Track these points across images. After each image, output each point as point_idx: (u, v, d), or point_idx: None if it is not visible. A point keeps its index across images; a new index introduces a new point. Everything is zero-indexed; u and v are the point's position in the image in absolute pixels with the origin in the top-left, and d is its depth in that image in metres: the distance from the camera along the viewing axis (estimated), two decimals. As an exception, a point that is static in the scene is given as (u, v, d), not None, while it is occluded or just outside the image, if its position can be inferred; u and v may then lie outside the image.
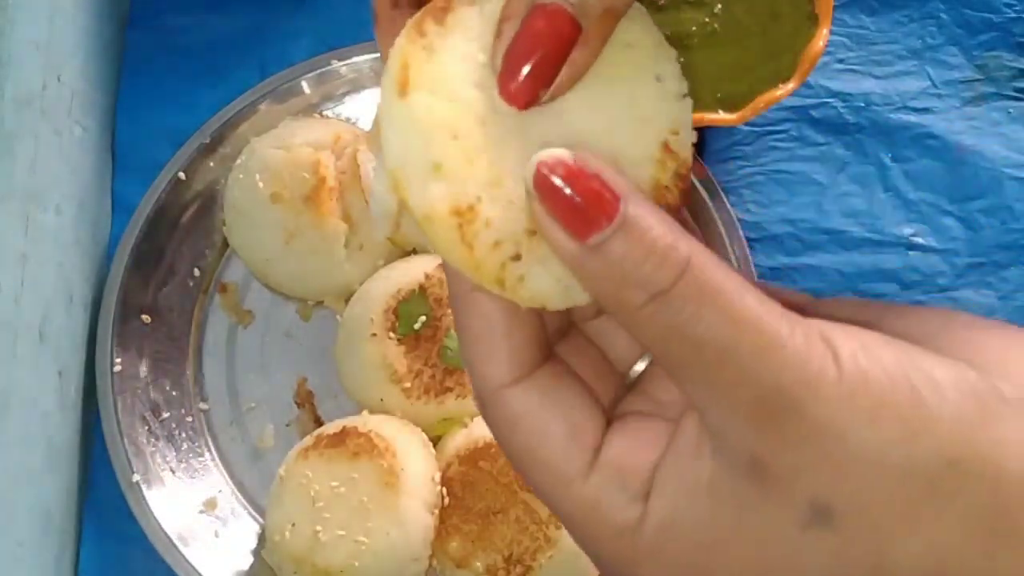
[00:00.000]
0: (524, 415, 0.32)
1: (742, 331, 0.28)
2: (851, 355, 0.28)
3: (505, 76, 0.31)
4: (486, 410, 0.34)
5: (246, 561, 0.69)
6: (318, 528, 0.63)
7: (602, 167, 0.29)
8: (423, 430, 0.67)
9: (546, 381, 0.33)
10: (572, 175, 0.29)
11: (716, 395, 0.29)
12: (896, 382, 0.28)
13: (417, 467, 0.64)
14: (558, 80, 0.31)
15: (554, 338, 0.36)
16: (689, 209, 0.70)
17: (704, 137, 0.74)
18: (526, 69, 0.30)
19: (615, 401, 0.36)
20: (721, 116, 0.67)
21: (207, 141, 0.74)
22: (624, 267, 0.28)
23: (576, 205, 0.29)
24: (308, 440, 0.66)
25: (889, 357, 0.28)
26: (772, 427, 0.28)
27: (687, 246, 0.28)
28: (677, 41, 0.67)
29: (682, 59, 0.73)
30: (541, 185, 0.29)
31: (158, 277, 0.73)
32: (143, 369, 0.72)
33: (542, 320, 0.34)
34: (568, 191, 0.29)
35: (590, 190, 0.29)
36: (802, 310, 0.31)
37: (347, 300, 0.71)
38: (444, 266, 0.34)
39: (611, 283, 0.29)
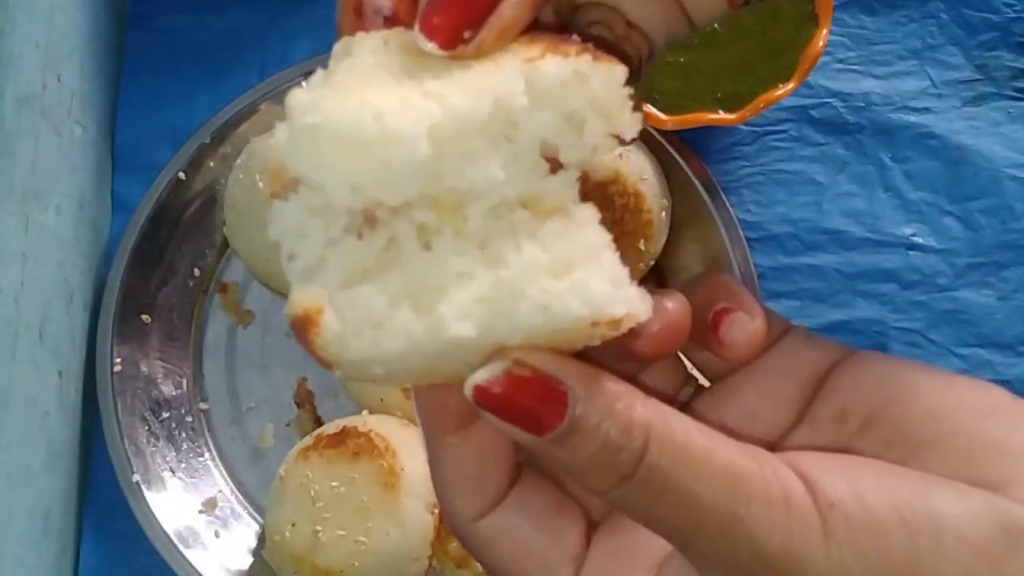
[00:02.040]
0: (501, 539, 0.33)
1: (713, 505, 0.27)
2: (841, 514, 0.27)
3: (428, 9, 0.28)
4: (465, 542, 0.34)
5: (246, 561, 0.69)
6: (318, 528, 0.63)
7: (541, 366, 0.28)
8: (423, 430, 0.67)
9: (520, 500, 0.33)
10: (511, 389, 0.28)
11: (701, 563, 0.28)
12: (890, 539, 0.26)
13: (417, 467, 0.64)
14: (485, 27, 0.28)
15: None
16: (689, 209, 0.70)
17: (704, 137, 0.74)
18: (449, 6, 0.28)
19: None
20: (721, 116, 0.67)
21: (207, 141, 0.74)
22: (584, 457, 0.28)
23: (522, 415, 0.28)
24: (308, 440, 0.66)
25: (884, 506, 0.27)
26: None
27: (644, 419, 0.27)
28: (677, 41, 0.67)
29: (683, 59, 0.73)
30: (483, 404, 0.28)
31: (158, 277, 0.73)
32: (143, 369, 0.72)
33: (513, 445, 0.34)
34: (511, 407, 0.28)
35: (532, 399, 0.28)
36: (830, 370, 0.31)
37: (347, 300, 0.71)
38: (417, 409, 0.33)
39: (577, 469, 0.28)
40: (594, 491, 0.29)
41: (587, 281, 0.27)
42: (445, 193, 0.28)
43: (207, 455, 0.72)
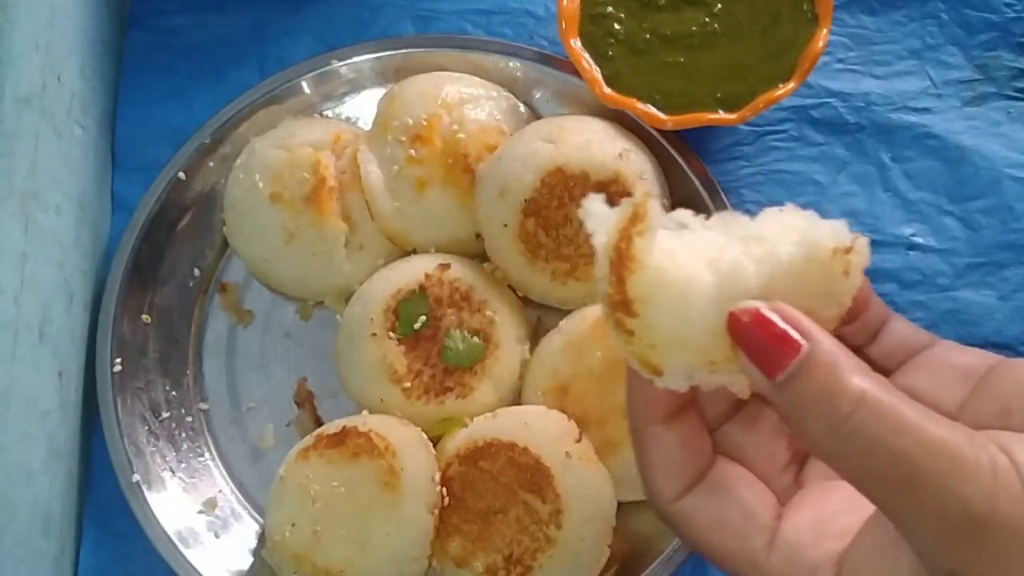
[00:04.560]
0: (698, 514, 0.39)
1: (925, 467, 0.31)
2: None
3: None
4: (665, 519, 0.40)
5: (246, 561, 0.69)
6: (318, 528, 0.63)
7: (788, 313, 0.34)
8: (423, 430, 0.67)
9: (715, 482, 0.39)
10: (757, 323, 0.34)
11: (906, 518, 0.33)
12: None
13: (417, 467, 0.64)
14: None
15: (732, 411, 0.42)
16: (689, 209, 0.70)
17: (704, 137, 0.74)
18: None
19: (795, 460, 0.42)
20: (721, 116, 0.66)
21: (207, 141, 0.74)
22: (803, 402, 0.33)
23: (759, 348, 0.34)
24: (308, 440, 0.66)
25: None
26: (965, 548, 0.31)
27: (862, 386, 0.32)
28: (677, 41, 0.67)
29: (683, 59, 0.73)
30: (733, 330, 0.35)
31: (158, 277, 0.73)
32: (143, 369, 0.72)
33: (709, 432, 0.41)
34: (755, 336, 0.34)
35: (772, 335, 0.34)
36: (986, 373, 0.38)
37: (347, 300, 0.71)
38: (629, 400, 0.41)
39: (797, 415, 0.33)
40: (810, 440, 0.34)
41: (818, 221, 0.37)
42: None
43: (207, 455, 0.72)
